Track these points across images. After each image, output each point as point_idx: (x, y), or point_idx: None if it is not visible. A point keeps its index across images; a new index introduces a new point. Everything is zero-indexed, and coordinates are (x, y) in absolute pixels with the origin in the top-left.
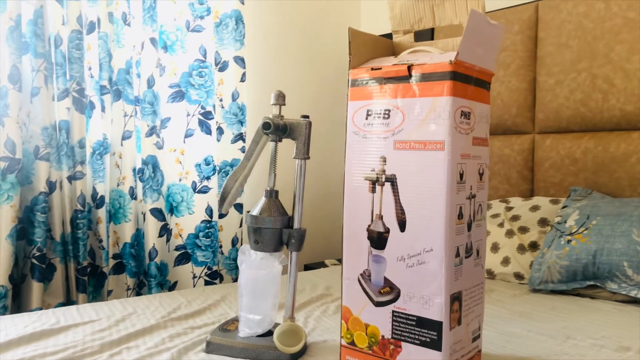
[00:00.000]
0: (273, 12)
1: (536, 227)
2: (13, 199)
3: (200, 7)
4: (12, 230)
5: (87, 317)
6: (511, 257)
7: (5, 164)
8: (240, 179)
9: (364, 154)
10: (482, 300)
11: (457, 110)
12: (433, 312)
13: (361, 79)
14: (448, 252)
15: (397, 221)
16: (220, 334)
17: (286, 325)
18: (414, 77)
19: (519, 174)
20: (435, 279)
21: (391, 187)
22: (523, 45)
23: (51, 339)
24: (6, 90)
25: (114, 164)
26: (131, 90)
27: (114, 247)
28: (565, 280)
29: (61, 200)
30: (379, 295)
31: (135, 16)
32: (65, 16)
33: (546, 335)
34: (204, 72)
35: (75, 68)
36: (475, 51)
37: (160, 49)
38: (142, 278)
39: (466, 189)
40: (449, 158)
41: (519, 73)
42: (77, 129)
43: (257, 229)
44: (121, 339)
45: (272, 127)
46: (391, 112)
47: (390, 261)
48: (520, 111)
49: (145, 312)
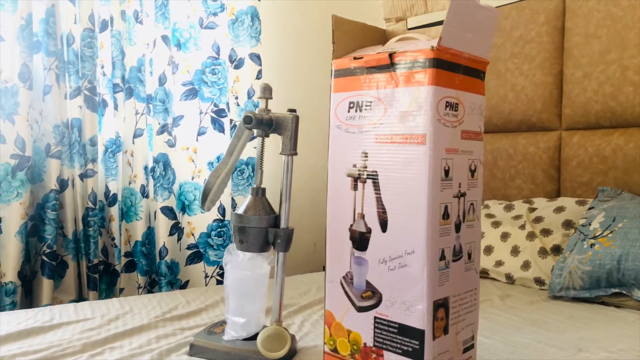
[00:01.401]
0: (290, 8)
1: (560, 230)
2: (23, 196)
3: (213, 3)
4: (21, 227)
5: (82, 315)
6: (532, 261)
7: (16, 162)
8: (222, 175)
9: (346, 149)
10: (475, 307)
11: (440, 101)
12: (414, 320)
13: (343, 69)
14: (430, 255)
15: (379, 221)
16: (205, 336)
17: (271, 329)
18: (396, 65)
19: (545, 173)
20: (417, 283)
21: (372, 185)
22: (549, 36)
23: (39, 337)
24: (17, 88)
25: (126, 162)
26: (143, 88)
27: (125, 245)
28: (588, 287)
29: (73, 198)
30: (361, 299)
31: (147, 14)
32: (77, 15)
33: (557, 346)
34: (217, 69)
35: (87, 66)
36: (463, 37)
37: (174, 47)
38: (153, 276)
39: (453, 186)
40: (431, 153)
41: (545, 66)
42: (89, 127)
43: (241, 228)
44: (107, 338)
45: (254, 122)
46: (373, 103)
47: (372, 263)
48: (545, 106)
49: (140, 312)
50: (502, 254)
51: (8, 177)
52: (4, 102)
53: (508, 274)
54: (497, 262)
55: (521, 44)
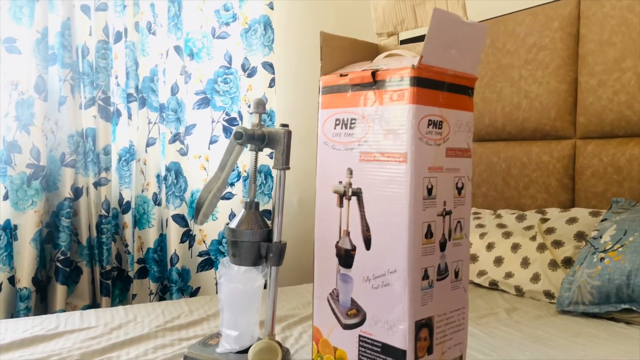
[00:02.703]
0: (303, 16)
1: (572, 242)
2: (37, 205)
3: (226, 13)
4: (35, 234)
5: (87, 323)
6: (542, 274)
7: (31, 171)
8: (214, 190)
9: (333, 165)
10: (463, 326)
11: (422, 120)
12: (397, 340)
13: (330, 85)
14: (412, 275)
15: (363, 238)
16: (199, 348)
17: (263, 342)
18: (379, 83)
19: (559, 183)
20: (399, 303)
21: (357, 202)
22: (563, 43)
23: (41, 345)
24: (32, 100)
25: (139, 171)
26: (156, 97)
27: (138, 251)
28: (598, 303)
29: (87, 206)
30: (346, 317)
31: (161, 24)
32: (91, 27)
33: None
34: (229, 78)
35: (101, 77)
36: (446, 54)
37: (187, 56)
38: (165, 283)
39: (437, 205)
40: (412, 171)
41: (559, 73)
42: (103, 136)
43: (234, 242)
44: (105, 348)
45: (245, 137)
46: (357, 121)
47: (357, 281)
48: (560, 114)
49: (143, 320)
50: (513, 265)
51: (24, 186)
52: (20, 113)
53: (517, 286)
54: (507, 273)
55: (535, 51)
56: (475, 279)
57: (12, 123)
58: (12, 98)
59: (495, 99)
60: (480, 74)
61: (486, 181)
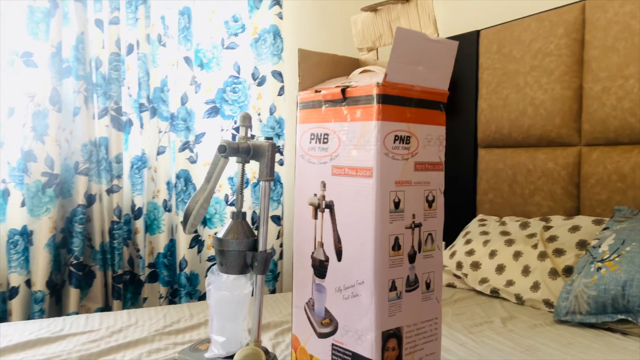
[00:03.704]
0: (312, 24)
1: (574, 250)
2: (51, 211)
3: (234, 24)
4: (49, 239)
5: (90, 326)
6: (541, 282)
7: (45, 179)
8: (200, 201)
9: (308, 179)
10: (436, 337)
11: (388, 135)
12: (365, 349)
13: (306, 101)
14: (379, 286)
15: (335, 250)
16: (189, 353)
17: (249, 348)
18: (348, 100)
19: (564, 190)
20: (367, 313)
21: (330, 214)
22: (568, 49)
23: (43, 347)
24: (47, 111)
25: (150, 178)
26: (166, 107)
27: (149, 256)
28: (594, 313)
29: (100, 212)
30: (320, 326)
31: (172, 36)
32: (104, 40)
33: None
34: (238, 87)
35: (113, 88)
36: (412, 70)
37: (197, 67)
38: (175, 287)
39: (405, 217)
40: (378, 185)
41: (564, 79)
42: (115, 145)
43: (220, 251)
44: (102, 351)
45: (228, 150)
46: (329, 136)
47: (330, 291)
48: (565, 121)
49: (144, 324)
50: (514, 273)
51: (39, 194)
52: (36, 124)
53: (518, 294)
54: (508, 281)
55: (540, 57)
56: (477, 286)
57: (29, 133)
58: (29, 109)
59: (501, 106)
60: (487, 81)
61: (493, 188)
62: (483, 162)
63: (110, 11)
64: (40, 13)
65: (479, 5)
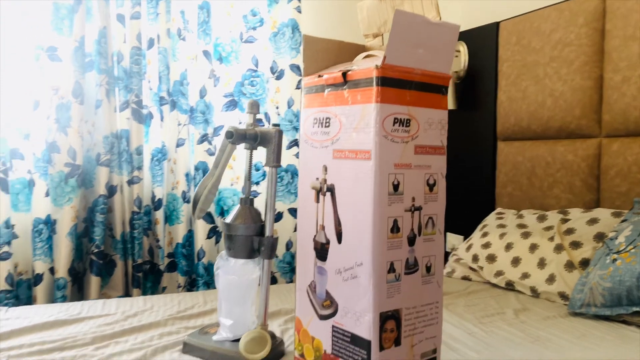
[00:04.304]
0: (330, 17)
1: (591, 243)
2: (73, 201)
3: (253, 18)
4: (71, 228)
5: (106, 310)
6: (557, 275)
7: (68, 170)
8: (209, 186)
9: (311, 163)
10: (437, 321)
11: (387, 118)
12: (363, 330)
13: (309, 86)
14: (377, 267)
15: (335, 232)
16: (198, 336)
17: (255, 332)
18: (349, 83)
19: (583, 183)
20: (365, 294)
21: (331, 197)
22: (588, 38)
23: (60, 329)
24: (70, 104)
25: (169, 170)
26: (185, 100)
27: (168, 246)
28: (609, 305)
29: (121, 203)
30: (322, 308)
31: (190, 31)
32: (126, 35)
33: None
34: (256, 81)
35: (134, 81)
36: (412, 53)
37: (215, 60)
38: (193, 276)
39: (405, 200)
40: (376, 168)
41: (584, 70)
42: (136, 137)
43: (229, 235)
44: (115, 333)
45: (235, 136)
46: (331, 120)
47: (330, 273)
48: (585, 112)
49: (159, 310)
50: (529, 266)
51: (62, 184)
52: (60, 116)
53: (533, 287)
54: (523, 274)
55: (560, 47)
56: (492, 279)
57: (53, 125)
58: (53, 102)
59: (520, 98)
60: (506, 73)
61: (511, 181)
62: (502, 155)
63: (132, 6)
64: (65, 9)
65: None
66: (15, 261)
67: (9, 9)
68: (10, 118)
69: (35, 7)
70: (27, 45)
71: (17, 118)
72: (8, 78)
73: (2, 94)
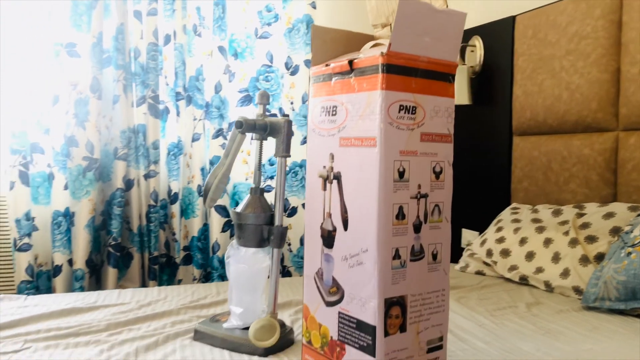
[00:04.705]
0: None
1: (607, 237)
2: (91, 194)
3: (268, 14)
4: (89, 220)
5: (121, 300)
6: (571, 269)
7: (86, 163)
8: (219, 175)
9: (318, 151)
10: (443, 308)
11: (392, 105)
12: (368, 316)
13: (317, 75)
14: (382, 253)
15: (342, 220)
16: (209, 323)
17: (264, 320)
18: (355, 71)
19: (600, 177)
20: (370, 280)
21: (337, 185)
22: (605, 31)
23: (77, 316)
24: (88, 99)
25: (185, 164)
26: (201, 95)
27: (184, 239)
28: (624, 299)
29: (138, 196)
30: (329, 295)
31: (206, 27)
32: (143, 31)
33: (555, 356)
34: (271, 76)
35: (151, 77)
36: (418, 41)
37: (231, 56)
38: (208, 269)
39: (410, 187)
40: (381, 154)
41: (601, 62)
42: (152, 132)
43: (239, 224)
44: (129, 320)
45: (245, 126)
46: (338, 108)
47: (337, 260)
48: (601, 106)
49: (172, 299)
50: (543, 260)
51: (80, 177)
52: (78, 111)
53: (547, 281)
54: (537, 268)
55: (576, 40)
56: (506, 273)
57: (71, 120)
58: (72, 97)
59: (536, 92)
60: (522, 67)
61: (527, 176)
62: (517, 150)
63: (149, 3)
64: (83, 6)
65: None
66: (35, 253)
67: (29, 6)
68: (31, 113)
69: (55, 5)
70: (47, 41)
71: (38, 113)
72: (29, 74)
73: (23, 90)
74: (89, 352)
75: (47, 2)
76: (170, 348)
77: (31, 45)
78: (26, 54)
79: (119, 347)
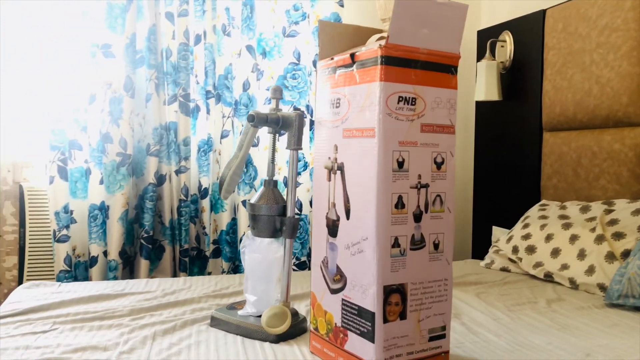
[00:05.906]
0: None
1: (635, 234)
2: (124, 188)
3: (295, 13)
4: (122, 214)
5: (148, 288)
6: (597, 266)
7: (120, 159)
8: (233, 168)
9: (324, 143)
10: (446, 298)
11: (391, 96)
12: (368, 302)
13: (323, 69)
14: (381, 241)
15: (344, 209)
16: (225, 310)
17: (277, 307)
18: (357, 64)
19: (631, 173)
20: (370, 268)
21: (341, 175)
22: (636, 22)
23: (104, 302)
24: (122, 97)
25: (215, 160)
26: (230, 93)
27: (213, 233)
28: None
29: (169, 191)
30: (333, 282)
31: (235, 27)
32: (174, 31)
33: (566, 350)
34: (298, 74)
35: (182, 76)
36: (417, 33)
37: (259, 55)
38: (236, 262)
39: (410, 177)
40: (380, 145)
41: (632, 55)
42: (183, 129)
43: (253, 215)
44: (152, 307)
45: (256, 120)
46: (341, 100)
47: (340, 249)
48: (633, 100)
49: (196, 289)
50: (569, 257)
51: (114, 172)
52: (112, 109)
53: (572, 278)
54: (562, 265)
55: (607, 33)
56: (531, 270)
57: (106, 117)
58: (107, 96)
59: (566, 87)
60: (551, 61)
61: (557, 172)
62: (547, 146)
63: (180, 4)
64: (118, 9)
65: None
66: (73, 244)
67: (67, 9)
68: (69, 111)
69: (92, 8)
70: (84, 43)
71: (75, 111)
72: (67, 74)
73: (62, 89)
74: (110, 334)
75: (84, 5)
76: (186, 332)
77: (69, 46)
78: (65, 55)
79: (139, 330)
